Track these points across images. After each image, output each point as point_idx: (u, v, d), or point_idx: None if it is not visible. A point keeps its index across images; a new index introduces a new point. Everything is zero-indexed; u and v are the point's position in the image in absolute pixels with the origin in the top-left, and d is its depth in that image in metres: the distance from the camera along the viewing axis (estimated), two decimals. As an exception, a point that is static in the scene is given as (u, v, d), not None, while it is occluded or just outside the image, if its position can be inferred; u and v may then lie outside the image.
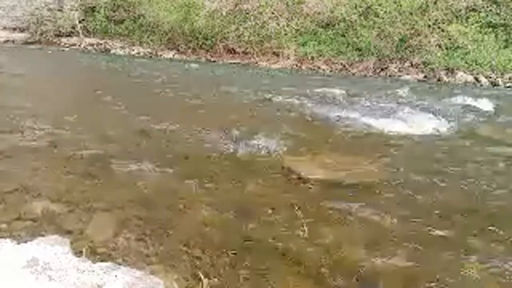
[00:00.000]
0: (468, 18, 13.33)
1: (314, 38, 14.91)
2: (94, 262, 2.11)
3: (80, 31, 17.91)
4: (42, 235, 2.35)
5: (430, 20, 13.41)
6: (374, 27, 13.85)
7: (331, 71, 13.68)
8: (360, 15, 14.39)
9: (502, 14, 13.02)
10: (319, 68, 14.03)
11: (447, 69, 12.59)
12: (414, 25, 13.43)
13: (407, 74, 12.82)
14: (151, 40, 16.91)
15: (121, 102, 6.70)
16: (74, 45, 17.68)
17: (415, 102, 7.78)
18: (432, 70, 12.70)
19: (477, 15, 13.24)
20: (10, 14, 18.68)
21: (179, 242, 2.46)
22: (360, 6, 14.50)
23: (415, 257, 2.44)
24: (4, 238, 2.29)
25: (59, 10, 18.22)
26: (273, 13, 15.62)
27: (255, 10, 15.81)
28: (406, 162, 4.22)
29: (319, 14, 15.06)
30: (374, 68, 13.44)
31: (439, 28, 13.33)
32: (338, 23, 14.64)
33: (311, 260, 2.35)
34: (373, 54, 13.57)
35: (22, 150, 3.99)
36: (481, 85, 11.61)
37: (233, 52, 15.61)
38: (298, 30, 15.17)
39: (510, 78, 11.82)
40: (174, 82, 9.57)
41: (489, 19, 13.12)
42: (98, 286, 1.91)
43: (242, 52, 15.41)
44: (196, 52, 16.10)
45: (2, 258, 2.04)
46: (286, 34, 15.11)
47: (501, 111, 7.39)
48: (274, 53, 15.03)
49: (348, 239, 2.59)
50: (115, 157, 3.93)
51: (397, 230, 2.75)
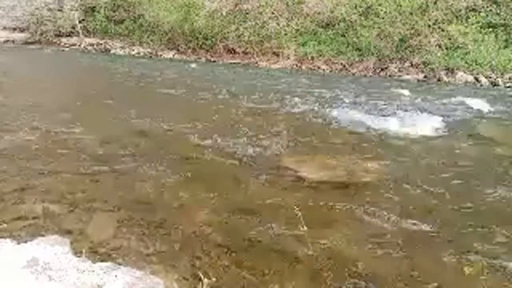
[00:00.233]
0: (468, 18, 13.32)
1: (314, 38, 14.91)
2: (94, 262, 2.11)
3: (80, 31, 17.91)
4: (42, 235, 2.35)
5: (430, 20, 13.41)
6: (374, 27, 13.85)
7: (331, 71, 13.68)
8: (360, 15, 14.39)
9: (502, 14, 13.01)
10: (319, 68, 14.03)
11: (447, 69, 12.59)
12: (414, 25, 13.43)
13: (407, 74, 12.81)
14: (151, 40, 16.90)
15: (121, 102, 6.70)
16: (74, 45, 17.68)
17: (415, 102, 7.78)
18: (432, 70, 12.69)
19: (477, 15, 13.24)
20: (10, 14, 18.68)
21: (179, 242, 2.46)
22: (360, 6, 14.50)
23: (415, 257, 2.44)
24: (4, 238, 2.29)
25: (59, 10, 18.22)
26: (273, 13, 15.62)
27: (255, 10, 15.81)
28: (406, 162, 4.22)
29: (319, 14, 15.06)
30: (374, 68, 13.43)
31: (439, 28, 13.33)
32: (338, 23, 14.64)
33: (311, 260, 2.35)
34: (373, 54, 13.57)
35: (22, 150, 3.99)
36: (481, 85, 11.61)
37: (233, 52, 15.61)
38: (298, 30, 15.17)
39: (510, 78, 11.82)
40: (174, 82, 9.57)
41: (489, 19, 13.12)
42: (98, 286, 1.91)
43: (242, 52, 15.41)
44: (196, 52, 16.10)
45: (2, 258, 2.04)
46: (286, 34, 15.11)
47: (501, 111, 7.39)
48: (274, 53, 15.02)
49: (348, 239, 2.59)
50: (115, 157, 3.93)
51: (397, 230, 2.75)
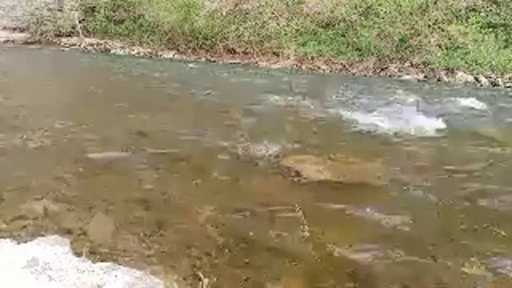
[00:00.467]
0: (468, 18, 13.32)
1: (314, 38, 14.90)
2: (94, 262, 2.11)
3: (80, 31, 17.89)
4: (42, 235, 2.35)
5: (430, 20, 13.41)
6: (374, 27, 13.84)
7: (331, 71, 13.68)
8: (360, 15, 14.38)
9: (502, 14, 13.01)
10: (319, 68, 14.03)
11: (447, 69, 12.58)
12: (414, 25, 13.42)
13: (407, 74, 12.81)
14: (151, 40, 16.89)
15: (121, 102, 6.70)
16: (74, 45, 17.66)
17: (415, 102, 7.77)
18: (432, 70, 12.69)
19: (477, 15, 13.24)
20: (10, 14, 18.67)
21: (179, 242, 2.46)
22: (360, 6, 14.49)
23: (415, 257, 2.44)
24: (4, 238, 2.29)
25: (59, 10, 18.20)
26: (273, 13, 15.61)
27: (255, 10, 15.80)
28: (406, 162, 4.22)
29: (319, 14, 15.05)
30: (374, 68, 13.43)
31: (439, 28, 13.33)
32: (338, 23, 14.63)
33: (311, 260, 2.35)
34: (373, 54, 13.56)
35: (22, 150, 3.99)
36: (481, 85, 11.61)
37: (233, 52, 15.60)
38: (298, 30, 15.16)
39: (510, 78, 11.82)
40: (174, 82, 9.56)
41: (489, 19, 13.11)
42: (98, 286, 1.91)
43: (242, 52, 15.40)
44: (196, 52, 16.09)
45: (2, 258, 2.04)
46: (286, 34, 15.10)
47: (501, 111, 7.39)
48: (274, 53, 15.01)
49: (348, 239, 2.59)
50: (115, 157, 3.93)
51: (397, 230, 2.75)
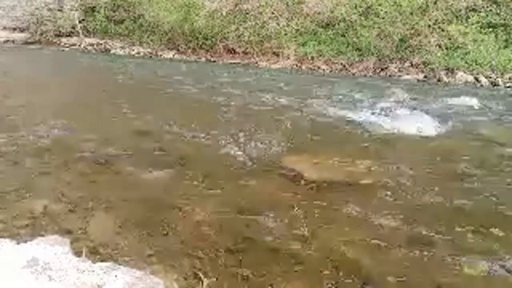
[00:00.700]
0: (468, 18, 13.31)
1: (314, 38, 14.89)
2: (94, 262, 2.11)
3: (80, 31, 17.88)
4: (42, 235, 2.36)
5: (430, 20, 13.39)
6: (374, 27, 13.83)
7: (331, 71, 13.67)
8: (360, 15, 14.37)
9: (502, 14, 13.00)
10: (319, 68, 14.02)
11: (447, 69, 12.57)
12: (414, 25, 13.41)
13: (407, 74, 12.80)
14: (151, 40, 16.88)
15: (120, 102, 6.70)
16: (74, 45, 17.65)
17: (415, 102, 7.77)
18: (432, 70, 12.68)
19: (477, 15, 13.23)
20: (10, 14, 18.66)
21: (179, 242, 2.46)
22: (360, 6, 14.48)
23: (415, 257, 2.44)
24: (4, 238, 2.29)
25: (59, 10, 18.19)
26: (273, 13, 15.60)
27: (255, 10, 15.78)
28: (406, 163, 4.22)
29: (319, 14, 15.03)
30: (374, 68, 13.41)
31: (439, 28, 13.32)
32: (338, 23, 14.62)
33: (311, 259, 2.35)
34: (373, 54, 13.55)
35: (22, 150, 3.99)
36: (481, 85, 11.60)
37: (233, 52, 15.58)
38: (298, 30, 15.15)
39: (510, 78, 11.80)
40: (174, 82, 9.56)
41: (489, 19, 13.10)
42: (98, 286, 1.91)
43: (242, 52, 15.38)
44: (196, 52, 16.07)
45: (2, 258, 2.04)
46: (286, 34, 15.09)
47: (501, 111, 7.38)
48: (274, 53, 15.00)
49: (348, 239, 2.59)
50: (115, 157, 3.94)
51: (397, 230, 2.75)
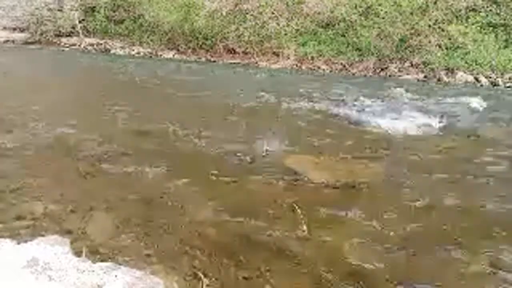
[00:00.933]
0: (468, 18, 13.31)
1: (314, 38, 14.88)
2: (94, 262, 2.11)
3: (80, 31, 17.88)
4: (42, 235, 2.36)
5: (430, 20, 13.39)
6: (374, 27, 13.83)
7: (331, 71, 13.67)
8: (360, 15, 14.36)
9: (502, 14, 13.00)
10: (319, 68, 14.02)
11: (447, 69, 12.57)
12: (414, 25, 13.41)
13: (407, 74, 12.80)
14: (151, 40, 16.87)
15: (120, 102, 6.70)
16: (74, 45, 17.64)
17: (415, 103, 7.77)
18: (432, 70, 12.68)
19: (477, 15, 13.23)
20: (10, 14, 18.65)
21: (179, 242, 2.46)
22: (360, 6, 14.47)
23: (415, 257, 2.44)
24: (4, 238, 2.29)
25: (59, 10, 18.18)
26: (273, 13, 15.59)
27: (255, 10, 15.78)
28: (406, 163, 4.22)
29: (319, 14, 15.03)
30: (374, 68, 13.41)
31: (439, 28, 13.31)
32: (338, 23, 14.62)
33: (311, 259, 2.35)
34: (373, 54, 13.55)
35: (22, 150, 3.99)
36: (481, 85, 11.60)
37: (233, 52, 15.58)
38: (298, 30, 15.14)
39: (510, 78, 11.80)
40: (174, 82, 9.55)
41: (489, 19, 13.10)
42: (98, 286, 1.91)
43: (242, 52, 15.38)
44: (196, 52, 16.07)
45: (2, 258, 2.04)
46: (286, 34, 15.09)
47: (501, 111, 7.38)
48: (274, 53, 14.99)
49: (347, 239, 2.59)
50: (115, 157, 3.93)
51: (397, 230, 2.75)
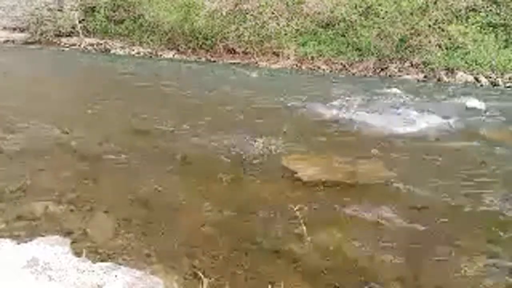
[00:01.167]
0: (468, 18, 13.31)
1: (314, 38, 14.88)
2: (94, 262, 2.12)
3: (80, 31, 17.87)
4: (42, 235, 2.36)
5: (430, 20, 13.39)
6: (374, 27, 13.82)
7: (331, 71, 13.67)
8: (360, 15, 14.36)
9: (502, 14, 13.00)
10: (319, 68, 14.01)
11: (447, 69, 12.57)
12: (414, 25, 13.41)
13: (407, 74, 12.80)
14: (151, 40, 16.87)
15: (120, 102, 6.70)
16: (74, 45, 17.64)
17: (415, 102, 7.77)
18: (432, 70, 12.67)
19: (477, 15, 13.23)
20: (10, 14, 18.64)
21: (179, 242, 2.46)
22: (360, 6, 14.47)
23: (415, 257, 2.44)
24: (4, 238, 2.29)
25: (59, 10, 18.17)
26: (273, 13, 15.59)
27: (255, 10, 15.77)
28: (406, 163, 4.22)
29: (319, 14, 15.03)
30: (374, 68, 13.41)
31: (439, 28, 13.31)
32: (338, 23, 14.62)
33: (310, 259, 2.35)
34: (373, 54, 13.54)
35: (22, 150, 3.99)
36: (481, 85, 11.60)
37: (233, 52, 15.57)
38: (298, 30, 15.14)
39: (510, 78, 11.80)
40: (174, 82, 9.56)
41: (489, 19, 13.10)
42: (98, 286, 1.91)
43: (242, 52, 15.37)
44: (196, 52, 16.06)
45: (2, 258, 2.04)
46: (286, 34, 15.08)
47: (501, 111, 7.38)
48: (274, 53, 14.99)
49: (347, 239, 2.59)
50: (115, 157, 3.94)
51: (396, 230, 2.75)
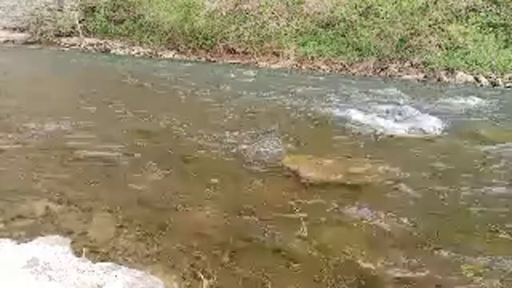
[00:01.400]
0: (468, 18, 13.32)
1: (314, 38, 14.89)
2: (94, 262, 2.11)
3: (80, 31, 17.89)
4: (42, 235, 2.35)
5: (430, 20, 13.40)
6: (374, 27, 13.84)
7: (331, 71, 13.67)
8: (360, 15, 14.38)
9: (502, 14, 13.01)
10: (319, 68, 14.02)
11: (447, 69, 12.58)
12: (414, 25, 13.42)
13: (407, 74, 12.81)
14: (151, 40, 16.88)
15: (120, 102, 6.70)
16: (74, 45, 17.65)
17: (415, 102, 7.77)
18: (432, 70, 12.69)
19: (477, 15, 13.24)
20: (10, 14, 18.66)
21: (179, 242, 2.46)
22: (360, 6, 14.49)
23: (415, 257, 2.44)
24: (4, 238, 2.29)
25: (59, 10, 18.19)
26: (273, 13, 15.60)
27: (255, 10, 15.79)
28: (406, 163, 4.22)
29: (319, 14, 15.04)
30: (374, 68, 13.42)
31: (439, 28, 13.33)
32: (338, 23, 14.63)
33: (311, 260, 2.35)
34: (373, 54, 13.56)
35: (22, 150, 3.99)
36: (481, 85, 11.61)
37: (233, 52, 15.59)
38: (298, 30, 15.15)
39: (510, 78, 11.82)
40: (174, 82, 9.56)
41: (489, 19, 13.11)
42: (98, 286, 1.91)
43: (242, 52, 15.39)
44: (196, 52, 16.08)
45: (2, 258, 2.04)
46: (286, 34, 15.10)
47: (501, 111, 7.38)
48: (274, 53, 15.00)
49: (347, 239, 2.59)
50: (115, 156, 3.93)
51: (396, 230, 2.75)
